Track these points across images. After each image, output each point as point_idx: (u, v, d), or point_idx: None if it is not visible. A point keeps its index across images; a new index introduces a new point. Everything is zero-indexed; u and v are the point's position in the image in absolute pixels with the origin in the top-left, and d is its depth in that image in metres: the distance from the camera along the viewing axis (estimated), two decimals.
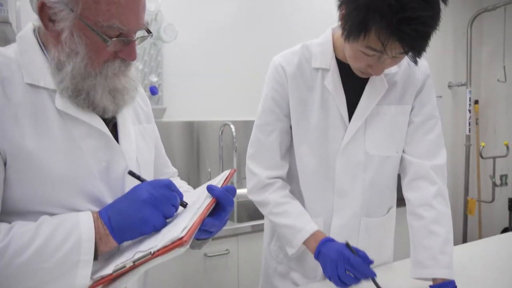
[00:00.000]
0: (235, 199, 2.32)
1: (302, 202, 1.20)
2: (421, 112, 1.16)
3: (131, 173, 0.83)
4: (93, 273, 0.75)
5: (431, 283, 1.04)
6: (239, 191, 2.53)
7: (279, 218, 1.15)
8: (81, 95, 0.79)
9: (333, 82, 1.12)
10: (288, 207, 1.15)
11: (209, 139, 2.48)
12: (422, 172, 1.13)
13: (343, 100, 1.12)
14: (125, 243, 0.85)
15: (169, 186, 0.80)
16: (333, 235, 1.17)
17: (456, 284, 1.02)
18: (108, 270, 0.74)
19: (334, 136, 1.14)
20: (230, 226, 1.96)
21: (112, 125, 0.90)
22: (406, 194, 1.16)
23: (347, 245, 1.03)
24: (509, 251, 1.43)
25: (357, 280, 1.00)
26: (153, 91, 2.26)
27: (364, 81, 1.13)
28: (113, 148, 0.85)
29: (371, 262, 1.01)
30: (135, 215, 0.76)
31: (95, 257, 0.75)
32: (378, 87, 1.12)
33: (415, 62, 1.01)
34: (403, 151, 1.18)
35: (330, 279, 1.02)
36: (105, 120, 0.86)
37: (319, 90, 1.13)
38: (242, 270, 1.97)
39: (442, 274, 1.03)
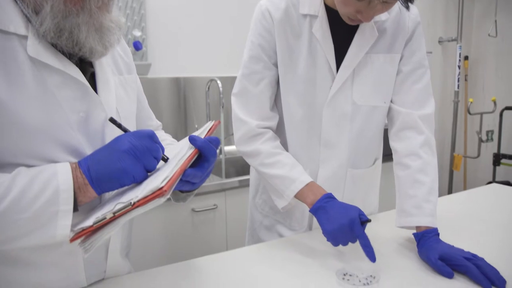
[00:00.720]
0: (222, 156, 2.32)
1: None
2: (410, 61, 1.13)
3: (111, 120, 0.81)
4: (75, 225, 0.74)
5: (415, 231, 1.06)
6: (227, 148, 2.54)
7: (271, 168, 1.11)
8: (64, 34, 0.75)
9: (322, 30, 1.08)
10: (281, 157, 1.12)
11: (196, 95, 2.45)
12: (410, 122, 1.12)
13: (331, 48, 1.09)
14: (107, 196, 0.84)
15: (151, 137, 0.78)
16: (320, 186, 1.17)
17: (441, 233, 1.03)
18: (89, 222, 0.73)
19: (322, 86, 1.11)
20: (218, 181, 1.96)
21: (90, 75, 0.86)
22: (393, 144, 1.16)
23: (362, 217, 0.97)
24: (491, 202, 1.46)
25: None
26: (137, 46, 2.19)
27: (353, 29, 1.09)
28: (91, 98, 0.82)
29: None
30: (114, 165, 0.74)
31: (75, 208, 0.74)
32: (368, 36, 1.09)
33: (407, 7, 0.97)
34: (391, 101, 1.16)
35: (327, 238, 0.99)
36: (82, 70, 0.83)
37: (306, 38, 1.10)
38: (230, 225, 2.00)
39: (426, 222, 1.04)
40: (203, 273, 0.96)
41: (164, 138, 1.10)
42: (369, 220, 0.97)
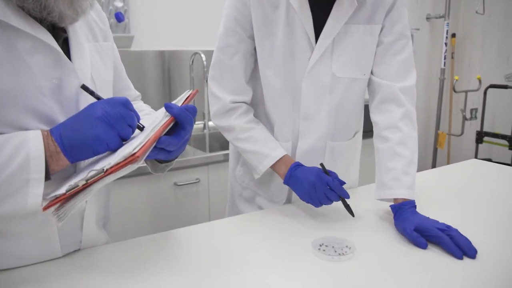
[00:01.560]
0: (206, 131, 2.30)
1: (269, 127, 1.19)
2: (392, 32, 1.12)
3: (84, 87, 0.79)
4: (48, 194, 0.73)
5: (393, 203, 1.07)
6: (211, 123, 2.52)
7: (245, 143, 1.14)
8: None
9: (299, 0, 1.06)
10: (253, 132, 1.13)
11: (180, 69, 2.42)
12: (391, 94, 1.12)
13: (310, 19, 1.07)
14: (83, 165, 0.83)
15: (125, 104, 0.76)
16: (299, 159, 1.17)
17: (418, 205, 1.04)
18: (62, 190, 0.72)
19: (300, 57, 1.10)
20: (200, 155, 1.95)
21: (64, 42, 0.84)
22: (373, 117, 1.16)
23: (323, 167, 1.05)
24: (469, 176, 1.48)
25: (330, 201, 1.03)
26: (119, 17, 2.14)
27: (332, 0, 1.07)
28: (64, 64, 0.80)
29: (343, 183, 1.04)
30: (87, 132, 0.72)
31: (48, 177, 0.73)
32: (347, 6, 1.06)
33: None
34: (372, 73, 1.16)
35: (307, 201, 1.05)
36: (54, 35, 0.80)
37: (284, 8, 1.07)
38: (213, 199, 2.00)
39: (403, 194, 1.05)
40: (179, 244, 0.96)
41: (143, 108, 1.08)
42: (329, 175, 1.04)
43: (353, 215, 1.05)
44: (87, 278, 0.81)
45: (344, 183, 1.04)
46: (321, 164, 1.06)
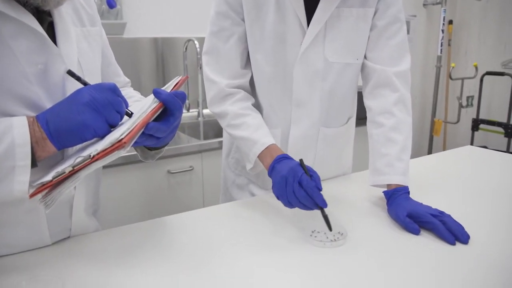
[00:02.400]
0: (200, 118, 2.29)
1: (259, 113, 1.17)
2: (385, 15, 1.09)
3: (70, 73, 0.77)
4: (35, 181, 0.72)
5: (386, 189, 1.06)
6: (206, 111, 2.50)
7: (237, 130, 1.09)
8: None
9: None
10: (247, 119, 1.10)
11: (174, 56, 2.39)
12: (385, 79, 1.10)
13: (301, 2, 1.04)
14: (70, 151, 0.82)
15: (113, 90, 0.74)
16: (292, 146, 1.16)
17: (411, 191, 1.04)
18: (48, 177, 0.71)
19: (292, 42, 1.08)
20: (194, 143, 1.94)
21: (49, 27, 0.82)
22: (367, 102, 1.14)
23: (301, 162, 0.94)
24: (464, 162, 1.48)
25: (301, 204, 0.90)
26: (111, 3, 2.10)
27: None
28: (49, 49, 0.78)
29: (320, 188, 0.90)
30: (74, 118, 0.71)
31: (34, 164, 0.71)
32: None
33: None
34: (366, 58, 1.14)
35: (278, 198, 0.94)
36: (39, 19, 0.78)
37: None
38: (207, 187, 1.99)
39: (397, 180, 1.04)
40: (170, 231, 0.95)
41: (132, 95, 1.07)
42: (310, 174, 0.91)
43: (330, 229, 0.89)
44: (76, 266, 0.80)
45: (321, 188, 0.90)
46: (301, 160, 0.94)
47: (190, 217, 1.03)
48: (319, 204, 0.89)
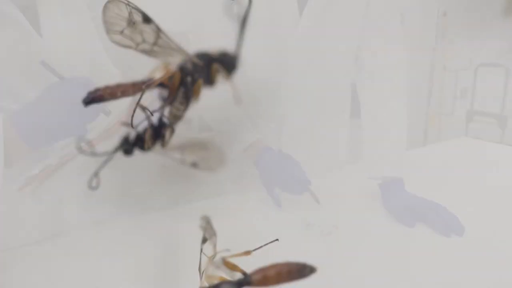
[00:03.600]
0: None
1: None
2: None
3: (44, 64, 0.74)
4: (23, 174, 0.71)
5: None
6: None
7: None
8: None
9: None
10: None
11: None
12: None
13: None
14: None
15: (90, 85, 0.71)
16: None
17: (406, 183, 1.03)
18: (35, 170, 0.70)
19: None
20: None
21: None
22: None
23: None
24: (459, 154, 1.47)
25: None
26: None
27: None
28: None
29: None
30: (48, 118, 0.68)
31: (9, 164, 0.69)
32: None
33: None
34: None
35: None
36: None
37: None
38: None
39: (392, 172, 1.03)
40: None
41: None
42: None
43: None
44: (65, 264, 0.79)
45: None
46: None
47: (181, 210, 1.02)
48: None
